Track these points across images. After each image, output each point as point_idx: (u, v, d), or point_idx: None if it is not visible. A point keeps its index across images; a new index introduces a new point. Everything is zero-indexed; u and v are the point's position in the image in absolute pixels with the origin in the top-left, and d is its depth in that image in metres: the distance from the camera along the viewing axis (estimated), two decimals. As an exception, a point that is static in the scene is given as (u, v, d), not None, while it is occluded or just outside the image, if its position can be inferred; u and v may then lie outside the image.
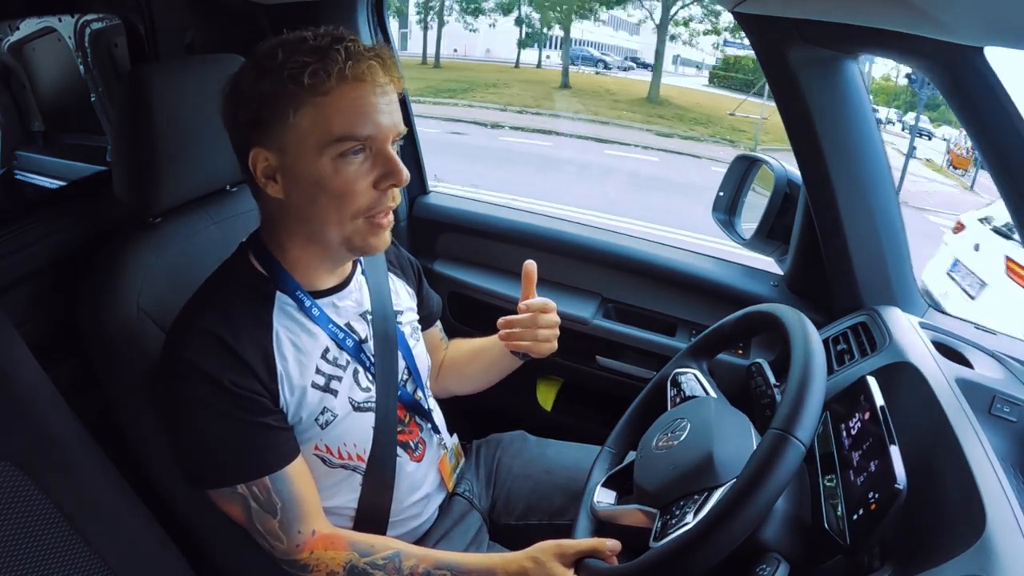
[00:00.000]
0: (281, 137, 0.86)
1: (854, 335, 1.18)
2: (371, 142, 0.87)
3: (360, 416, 0.99)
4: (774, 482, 0.74)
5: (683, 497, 0.85)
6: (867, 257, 1.26)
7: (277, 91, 0.84)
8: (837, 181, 1.22)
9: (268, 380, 0.90)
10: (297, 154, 0.86)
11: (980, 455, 0.81)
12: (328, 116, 0.84)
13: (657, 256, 1.58)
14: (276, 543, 0.92)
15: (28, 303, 1.06)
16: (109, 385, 1.00)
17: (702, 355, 1.10)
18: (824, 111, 1.19)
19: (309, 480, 0.95)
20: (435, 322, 1.28)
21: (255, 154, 0.88)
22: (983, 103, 0.95)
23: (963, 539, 0.71)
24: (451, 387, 1.29)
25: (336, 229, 0.90)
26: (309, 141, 0.85)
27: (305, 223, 0.91)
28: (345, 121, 0.85)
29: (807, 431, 0.76)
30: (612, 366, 1.59)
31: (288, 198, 0.89)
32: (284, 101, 0.84)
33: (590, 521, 0.99)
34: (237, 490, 0.89)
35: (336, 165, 0.86)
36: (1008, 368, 1.06)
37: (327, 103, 0.84)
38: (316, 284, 0.98)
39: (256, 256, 0.96)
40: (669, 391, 1.07)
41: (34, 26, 1.71)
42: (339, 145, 0.85)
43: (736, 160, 1.57)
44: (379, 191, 0.89)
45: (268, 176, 0.89)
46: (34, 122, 1.84)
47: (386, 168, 0.88)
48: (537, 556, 0.91)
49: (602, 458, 1.08)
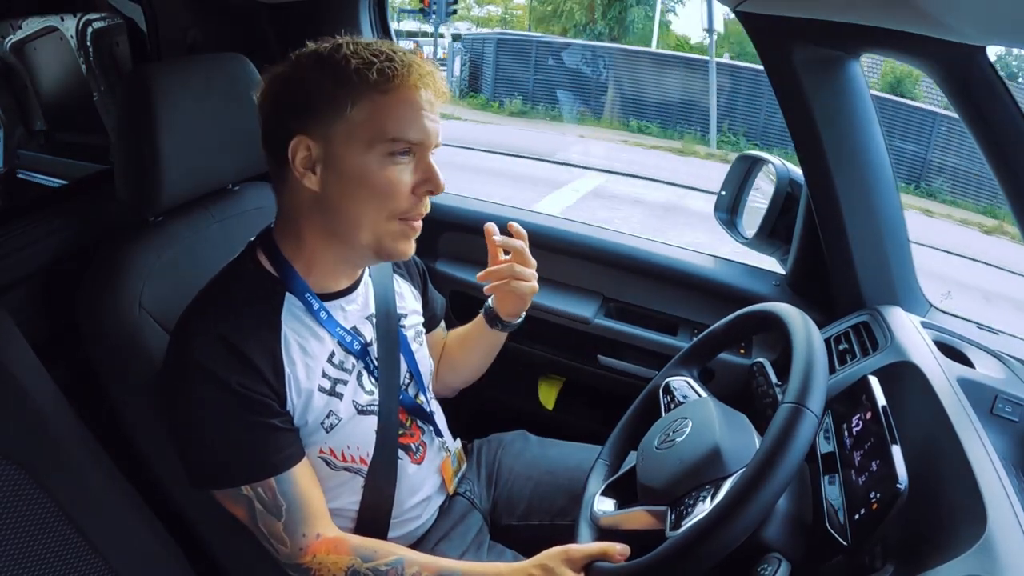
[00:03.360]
0: (330, 127, 0.87)
1: (856, 334, 1.18)
2: (418, 147, 0.89)
3: (364, 419, 0.99)
4: (793, 453, 0.74)
5: (693, 489, 0.84)
6: (869, 256, 1.26)
7: (339, 82, 0.86)
8: (839, 180, 1.22)
9: (275, 382, 0.90)
10: (345, 146, 0.87)
11: (982, 455, 0.81)
12: (385, 114, 0.86)
13: (659, 255, 1.57)
14: (280, 546, 0.92)
15: (30, 302, 1.06)
16: (110, 384, 1.00)
17: (693, 362, 1.10)
18: (826, 110, 1.19)
19: (314, 482, 0.94)
20: (439, 323, 1.28)
21: (297, 142, 0.88)
22: (985, 102, 0.95)
23: (964, 539, 0.71)
24: (448, 381, 1.29)
25: (369, 228, 0.91)
26: (361, 135, 0.87)
27: (337, 219, 0.91)
28: (401, 122, 0.87)
29: (818, 402, 0.77)
30: (614, 365, 1.59)
31: (324, 190, 0.89)
32: (344, 93, 0.86)
33: (591, 531, 0.97)
34: (242, 491, 0.89)
35: (383, 163, 0.88)
36: (1010, 368, 1.06)
37: (387, 101, 0.86)
38: (326, 286, 0.98)
39: (267, 255, 0.96)
40: (662, 399, 1.06)
41: (36, 25, 1.72)
42: (391, 144, 0.87)
43: (738, 159, 1.57)
44: (416, 196, 0.91)
45: (307, 166, 0.89)
46: (36, 121, 1.84)
47: (427, 175, 0.90)
48: (545, 563, 0.89)
49: (597, 469, 1.07)
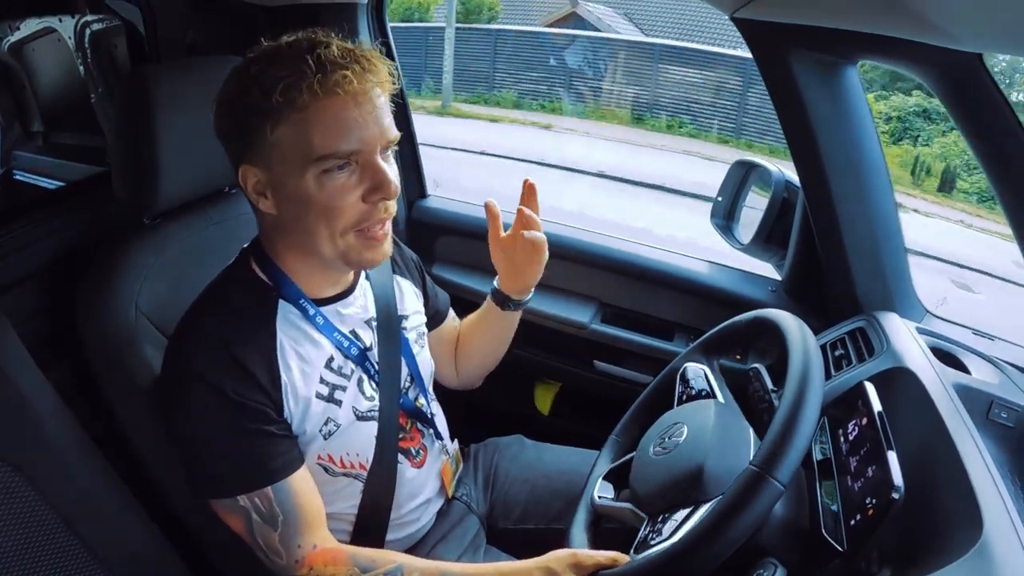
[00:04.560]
0: (265, 154, 0.84)
1: (852, 340, 1.18)
2: (356, 156, 0.84)
3: (363, 425, 0.98)
4: (745, 520, 0.74)
5: (671, 508, 0.85)
6: (865, 262, 1.26)
7: (254, 106, 0.81)
8: (835, 186, 1.22)
9: (272, 390, 0.89)
10: (282, 171, 0.84)
11: (977, 461, 0.81)
12: (307, 133, 0.81)
13: (655, 261, 1.58)
14: (275, 558, 0.90)
15: (27, 304, 1.06)
16: (107, 387, 1.00)
17: (713, 352, 1.10)
18: (823, 116, 1.19)
19: (312, 491, 0.93)
20: (445, 318, 1.26)
21: (244, 171, 0.87)
22: (982, 110, 0.96)
23: (960, 545, 0.71)
24: (467, 373, 1.27)
25: (329, 245, 0.88)
26: (291, 158, 0.83)
27: (299, 238, 0.90)
28: (325, 138, 0.81)
29: (787, 471, 0.75)
30: (610, 371, 1.59)
31: (279, 213, 0.88)
32: (261, 117, 0.82)
33: (588, 513, 0.98)
34: (239, 501, 0.88)
35: (321, 181, 0.83)
36: (1005, 374, 1.06)
37: (304, 119, 0.81)
38: (319, 292, 0.97)
39: (258, 263, 0.95)
40: (677, 387, 1.06)
41: (34, 26, 1.71)
42: (322, 163, 0.82)
43: (734, 165, 1.57)
44: (369, 204, 0.86)
45: (259, 192, 0.87)
46: (34, 122, 1.84)
47: (374, 181, 0.85)
48: (551, 566, 0.88)
49: (608, 446, 1.09)
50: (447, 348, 1.25)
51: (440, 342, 1.24)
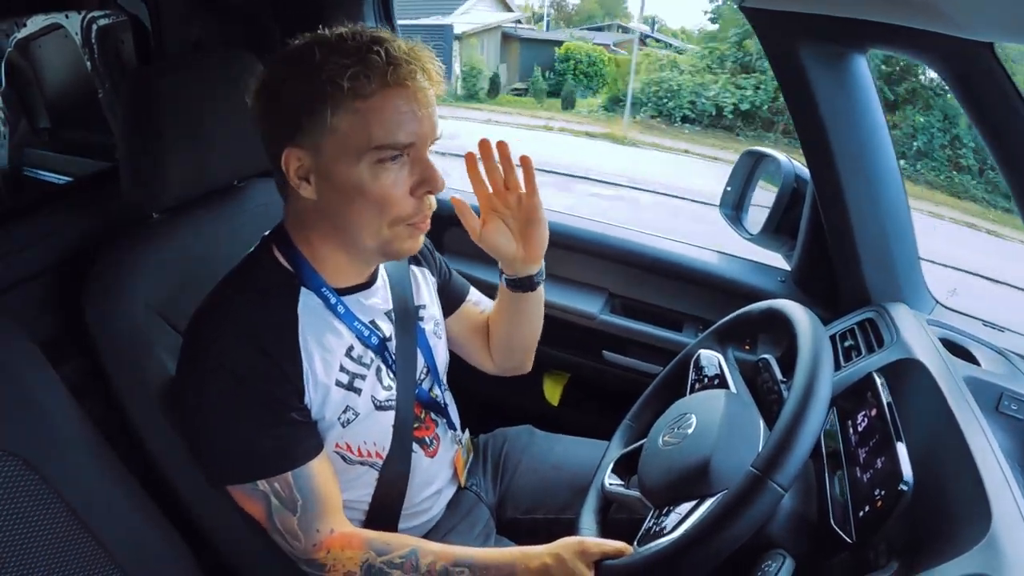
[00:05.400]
0: (317, 139, 0.84)
1: (861, 331, 1.18)
2: (409, 149, 0.85)
3: (381, 415, 0.99)
4: (746, 521, 0.74)
5: (675, 501, 0.85)
6: (875, 253, 1.26)
7: (314, 92, 0.81)
8: (845, 176, 1.22)
9: (294, 377, 0.89)
10: (334, 158, 0.84)
11: (987, 452, 0.81)
12: (368, 122, 0.82)
13: (664, 252, 1.57)
14: (294, 542, 0.92)
15: (36, 299, 1.06)
16: (118, 382, 1.00)
17: (727, 340, 1.09)
18: (833, 106, 1.18)
19: (331, 477, 0.94)
20: (464, 299, 1.22)
21: (288, 154, 0.86)
22: (992, 99, 0.95)
23: (969, 537, 0.71)
24: (510, 361, 1.23)
25: (372, 235, 0.88)
26: (347, 146, 0.83)
27: (339, 227, 0.90)
28: (386, 128, 0.83)
29: (788, 475, 0.74)
30: (619, 361, 1.59)
31: (322, 199, 0.88)
32: (321, 103, 0.82)
33: (598, 498, 1.00)
34: (259, 486, 0.89)
35: (375, 172, 0.84)
36: (1015, 365, 1.06)
37: (367, 108, 0.82)
38: (343, 281, 0.97)
39: (281, 250, 0.94)
40: (690, 374, 1.07)
41: (41, 23, 1.72)
42: (378, 152, 0.83)
43: (744, 155, 1.56)
44: (416, 198, 0.88)
45: (301, 177, 0.87)
46: (41, 118, 1.85)
47: (423, 175, 0.87)
48: (560, 553, 0.89)
49: (621, 431, 1.10)
50: (476, 334, 1.23)
51: (466, 328, 1.22)
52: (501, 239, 1.03)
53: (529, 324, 1.17)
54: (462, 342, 1.22)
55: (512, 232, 1.03)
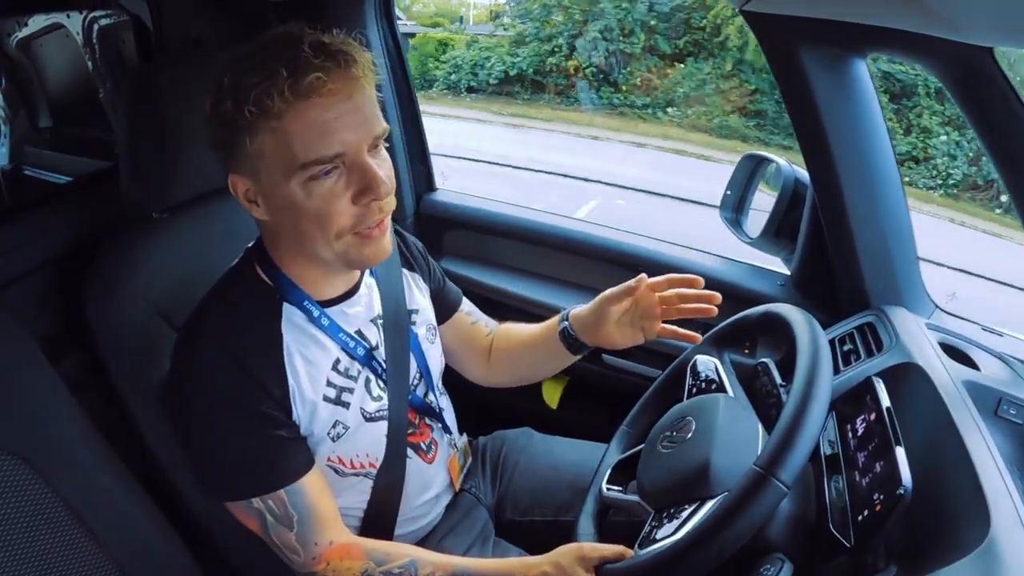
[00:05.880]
0: (248, 163, 0.82)
1: (860, 335, 1.17)
2: (341, 158, 0.80)
3: (373, 426, 0.98)
4: (747, 521, 0.74)
5: (676, 504, 0.85)
6: (874, 257, 1.25)
7: (228, 120, 0.78)
8: (845, 180, 1.21)
9: (280, 395, 0.88)
10: (268, 181, 0.82)
11: (986, 457, 0.81)
12: (288, 141, 0.78)
13: (664, 254, 1.57)
14: (293, 556, 0.92)
15: (36, 297, 1.06)
16: (117, 380, 1.00)
17: (724, 344, 1.09)
18: (833, 110, 1.18)
19: (325, 490, 0.93)
20: (457, 309, 1.22)
21: (233, 180, 0.85)
22: (992, 104, 0.95)
23: (968, 541, 0.71)
24: (505, 379, 1.24)
25: (326, 249, 0.85)
26: (274, 167, 0.80)
27: (297, 243, 0.88)
28: (306, 145, 0.78)
29: (790, 472, 0.74)
30: (618, 364, 1.59)
31: (273, 220, 0.87)
32: (238, 127, 0.78)
33: (596, 503, 0.99)
34: (253, 504, 0.89)
35: (308, 189, 0.80)
36: (1014, 370, 1.06)
37: (282, 127, 0.77)
38: (324, 293, 0.95)
39: (261, 266, 0.93)
40: (688, 379, 1.06)
41: (42, 22, 1.72)
42: (305, 171, 0.79)
43: (744, 159, 1.56)
44: (360, 206, 0.83)
45: (250, 200, 0.86)
46: (42, 118, 1.85)
47: (362, 183, 0.82)
48: (559, 561, 0.89)
49: (619, 437, 1.09)
50: (468, 345, 1.22)
51: (457, 338, 1.21)
52: (628, 331, 1.07)
53: (552, 368, 1.22)
54: (452, 351, 1.21)
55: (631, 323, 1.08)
